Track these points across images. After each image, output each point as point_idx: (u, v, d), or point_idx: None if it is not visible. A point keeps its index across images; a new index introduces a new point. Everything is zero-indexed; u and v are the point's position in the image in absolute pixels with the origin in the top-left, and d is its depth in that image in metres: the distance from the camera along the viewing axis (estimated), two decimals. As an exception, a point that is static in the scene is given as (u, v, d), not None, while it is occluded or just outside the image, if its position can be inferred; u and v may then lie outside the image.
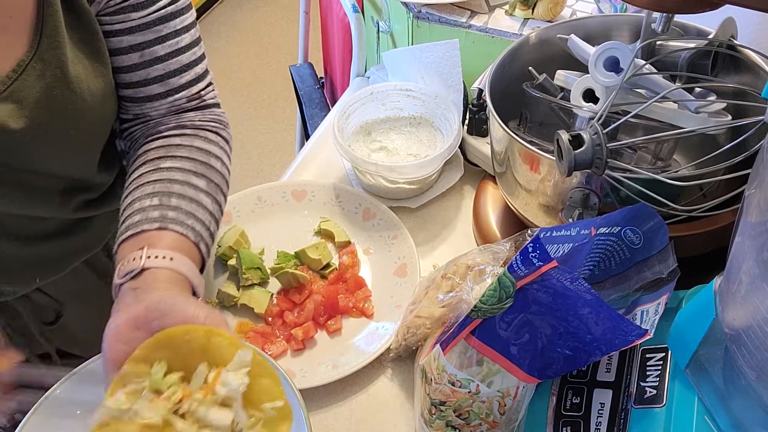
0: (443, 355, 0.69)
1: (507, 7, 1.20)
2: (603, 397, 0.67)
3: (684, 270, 0.69)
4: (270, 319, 0.89)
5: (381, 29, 1.39)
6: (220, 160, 0.77)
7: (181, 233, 0.67)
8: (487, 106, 0.88)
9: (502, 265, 0.76)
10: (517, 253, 0.62)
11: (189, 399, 0.55)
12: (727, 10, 0.69)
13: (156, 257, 0.64)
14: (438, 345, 0.70)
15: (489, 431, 0.70)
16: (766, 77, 0.77)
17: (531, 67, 0.86)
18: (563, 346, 0.65)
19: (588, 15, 1.18)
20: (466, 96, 1.04)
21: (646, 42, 0.77)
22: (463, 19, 1.18)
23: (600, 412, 0.66)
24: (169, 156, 0.73)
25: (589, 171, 0.70)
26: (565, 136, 0.68)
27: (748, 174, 0.55)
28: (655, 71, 0.78)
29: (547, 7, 1.15)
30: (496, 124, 0.81)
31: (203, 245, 0.70)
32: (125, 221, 0.68)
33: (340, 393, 0.83)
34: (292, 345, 0.87)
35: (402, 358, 0.85)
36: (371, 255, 0.97)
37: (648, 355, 0.66)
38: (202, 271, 0.70)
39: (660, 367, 0.64)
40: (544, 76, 0.84)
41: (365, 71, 1.39)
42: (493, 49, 1.16)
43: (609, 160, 0.68)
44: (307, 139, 1.33)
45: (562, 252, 0.71)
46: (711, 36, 0.79)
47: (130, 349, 0.57)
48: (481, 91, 1.02)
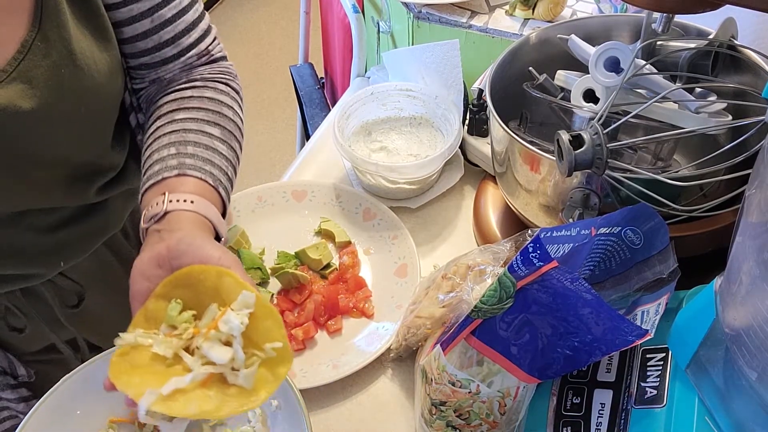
0: (444, 356, 0.69)
1: (507, 7, 1.20)
2: (603, 398, 0.67)
3: (684, 270, 0.69)
4: (270, 319, 0.89)
5: (381, 29, 1.39)
6: (232, 108, 0.79)
7: (200, 178, 0.69)
8: (487, 106, 0.88)
9: (502, 266, 0.76)
10: (518, 253, 0.62)
11: (198, 335, 0.58)
12: (728, 10, 0.69)
13: (178, 201, 0.66)
14: (438, 345, 0.70)
15: (489, 431, 0.70)
16: (767, 77, 0.77)
17: (531, 68, 0.86)
18: (563, 347, 0.65)
19: (588, 15, 1.18)
20: (466, 96, 1.04)
21: (646, 42, 0.77)
22: (464, 20, 1.18)
23: (600, 412, 0.66)
24: (182, 108, 0.76)
25: (589, 171, 0.70)
26: (565, 137, 0.68)
27: (749, 174, 0.55)
28: (656, 71, 0.78)
29: (547, 7, 1.15)
30: (496, 124, 0.81)
31: (222, 189, 0.72)
32: (146, 172, 0.71)
33: (341, 393, 0.83)
34: (293, 345, 0.86)
35: (402, 358, 0.85)
36: (371, 255, 0.97)
37: (648, 356, 0.66)
38: (224, 216, 0.72)
39: (660, 367, 0.64)
40: (545, 76, 0.84)
41: (365, 71, 1.39)
42: (494, 49, 1.16)
43: (609, 161, 0.68)
44: (307, 139, 1.34)
45: (562, 252, 0.71)
46: (711, 36, 0.79)
47: (153, 285, 0.60)
48: (481, 91, 1.02)
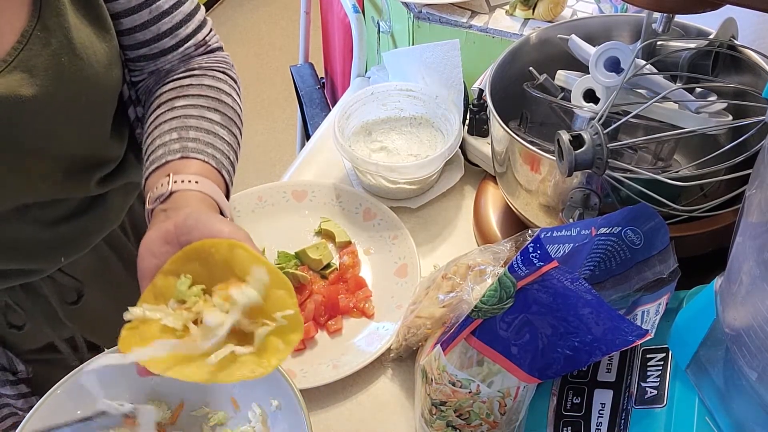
0: (444, 356, 0.69)
1: (507, 7, 1.20)
2: (604, 398, 0.67)
3: (684, 270, 0.68)
4: (270, 319, 0.89)
5: (381, 29, 1.39)
6: (231, 96, 0.79)
7: (203, 160, 0.70)
8: (487, 106, 0.88)
9: (502, 266, 0.76)
10: (518, 253, 0.62)
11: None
12: (728, 10, 0.69)
13: (182, 181, 0.67)
14: (438, 345, 0.70)
15: (489, 431, 0.70)
16: (767, 77, 0.77)
17: (531, 68, 0.86)
18: (564, 347, 0.65)
19: (588, 15, 1.18)
20: (466, 96, 1.04)
21: (646, 42, 0.77)
22: (464, 20, 1.18)
23: (601, 412, 0.66)
24: (181, 95, 0.76)
25: (589, 171, 0.70)
26: (565, 137, 0.68)
27: (749, 174, 0.55)
28: (656, 71, 0.77)
29: (547, 7, 1.15)
30: (496, 124, 0.81)
31: (225, 172, 0.72)
32: (149, 157, 0.71)
33: (341, 393, 0.83)
34: (293, 345, 0.87)
35: (402, 358, 0.85)
36: (372, 255, 0.97)
37: (649, 356, 0.66)
38: (227, 198, 0.72)
39: (661, 367, 0.64)
40: (545, 76, 0.84)
41: (366, 71, 1.39)
42: (494, 49, 1.16)
43: (609, 161, 0.68)
44: (307, 140, 1.34)
45: (562, 252, 0.71)
46: (711, 36, 0.79)
47: (161, 262, 0.60)
48: (481, 91, 1.02)
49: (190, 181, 0.67)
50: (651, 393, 0.63)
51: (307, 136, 1.69)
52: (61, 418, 0.67)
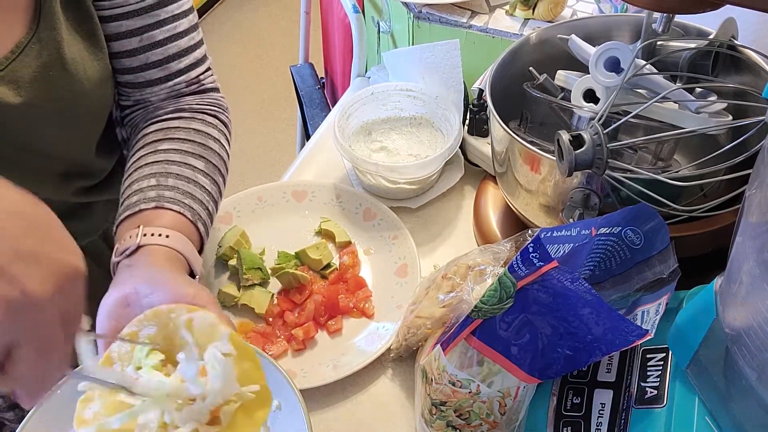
0: (444, 356, 0.69)
1: (507, 7, 1.20)
2: (604, 398, 0.67)
3: (684, 270, 0.68)
4: (270, 319, 0.89)
5: (381, 29, 1.39)
6: (219, 141, 0.77)
7: (178, 212, 0.68)
8: (487, 106, 0.88)
9: (502, 266, 0.76)
10: (518, 253, 0.62)
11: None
12: (728, 10, 0.69)
13: (152, 235, 0.64)
14: (438, 345, 0.70)
15: (489, 431, 0.70)
16: (767, 77, 0.77)
17: (531, 68, 0.86)
18: (564, 347, 0.65)
19: (588, 15, 1.18)
20: (466, 96, 1.04)
21: (646, 42, 0.77)
22: (464, 20, 1.18)
23: (601, 412, 0.66)
24: (167, 138, 0.74)
25: (589, 171, 0.70)
26: (565, 137, 0.68)
27: (749, 174, 0.55)
28: (656, 71, 0.77)
29: (547, 7, 1.15)
30: (496, 124, 0.81)
31: (201, 224, 0.70)
32: (124, 202, 0.69)
33: (341, 393, 0.83)
34: (293, 345, 0.87)
35: (402, 358, 0.85)
36: (372, 255, 0.97)
37: (649, 356, 0.66)
38: (200, 252, 0.70)
39: (661, 367, 0.64)
40: (545, 76, 0.84)
41: (366, 71, 1.39)
42: (494, 49, 1.16)
43: (609, 161, 0.68)
44: (307, 140, 1.34)
45: (562, 252, 0.71)
46: (711, 36, 0.79)
47: (120, 325, 0.57)
48: (481, 91, 1.02)
49: (160, 234, 0.65)
50: (651, 393, 0.63)
51: (307, 136, 1.69)
52: (55, 425, 0.66)
